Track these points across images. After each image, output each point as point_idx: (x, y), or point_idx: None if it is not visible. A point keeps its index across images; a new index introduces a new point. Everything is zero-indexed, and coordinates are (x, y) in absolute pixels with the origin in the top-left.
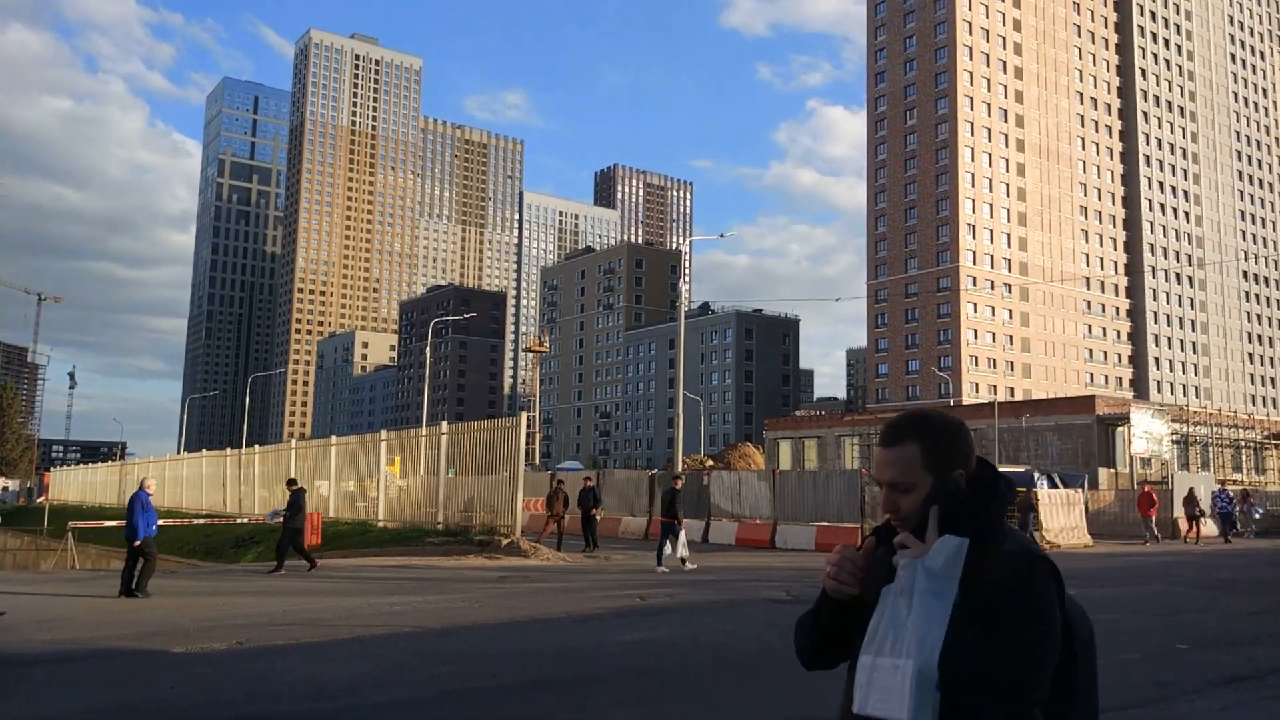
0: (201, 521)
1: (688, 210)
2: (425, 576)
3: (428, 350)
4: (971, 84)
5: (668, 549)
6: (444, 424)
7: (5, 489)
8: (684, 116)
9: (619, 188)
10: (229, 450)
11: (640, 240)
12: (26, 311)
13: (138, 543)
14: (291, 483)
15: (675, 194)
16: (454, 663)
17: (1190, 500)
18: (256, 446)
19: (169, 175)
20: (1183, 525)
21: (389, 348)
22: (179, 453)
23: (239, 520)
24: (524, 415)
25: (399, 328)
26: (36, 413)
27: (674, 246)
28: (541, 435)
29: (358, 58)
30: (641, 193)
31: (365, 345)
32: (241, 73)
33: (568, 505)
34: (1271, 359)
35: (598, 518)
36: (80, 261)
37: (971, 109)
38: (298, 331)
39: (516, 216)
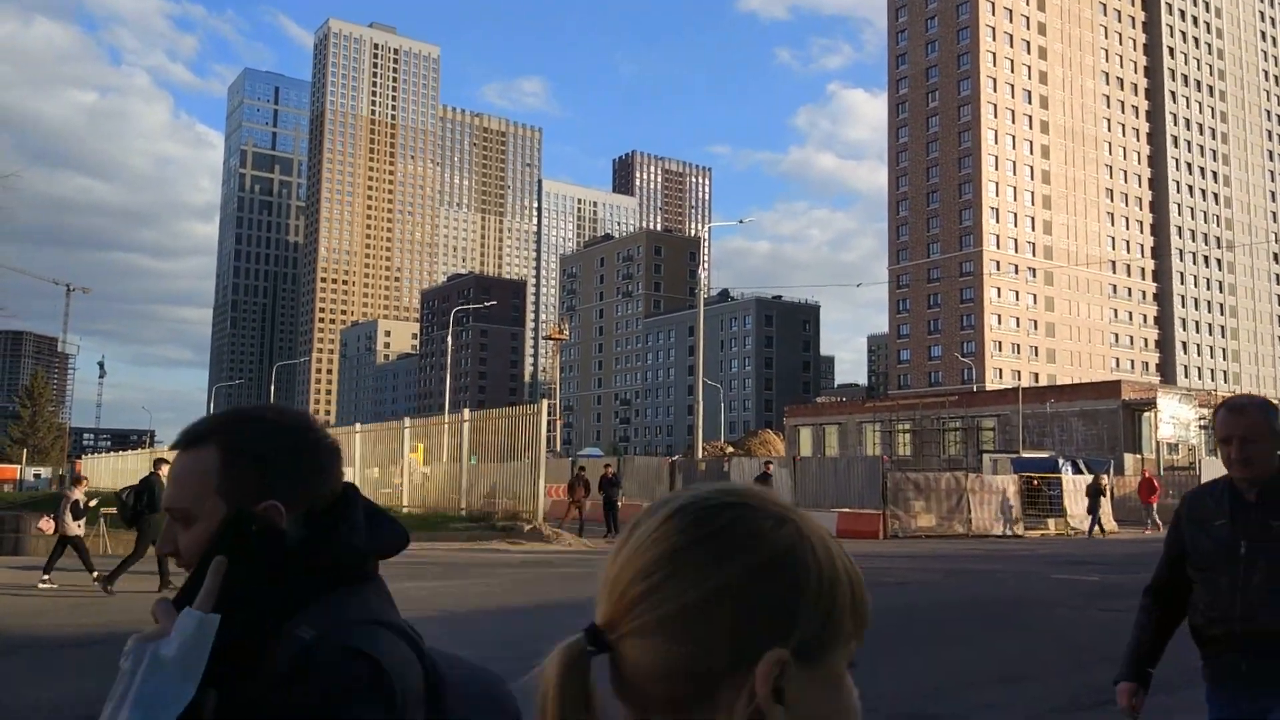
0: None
1: (706, 197)
2: (449, 561)
3: (449, 338)
4: (995, 65)
5: None
6: (466, 411)
7: (37, 476)
8: (702, 102)
9: (637, 175)
10: None
11: (659, 227)
12: (55, 303)
13: None
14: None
15: (694, 180)
16: (478, 646)
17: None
18: None
19: (192, 166)
20: None
21: (411, 336)
22: None
23: None
24: (545, 402)
25: (420, 316)
26: (67, 402)
27: (693, 233)
28: (562, 422)
29: (376, 46)
30: (660, 180)
31: (388, 334)
32: (262, 63)
33: (589, 491)
34: None
35: (619, 504)
36: (107, 253)
37: (995, 90)
38: (321, 320)
39: (535, 204)
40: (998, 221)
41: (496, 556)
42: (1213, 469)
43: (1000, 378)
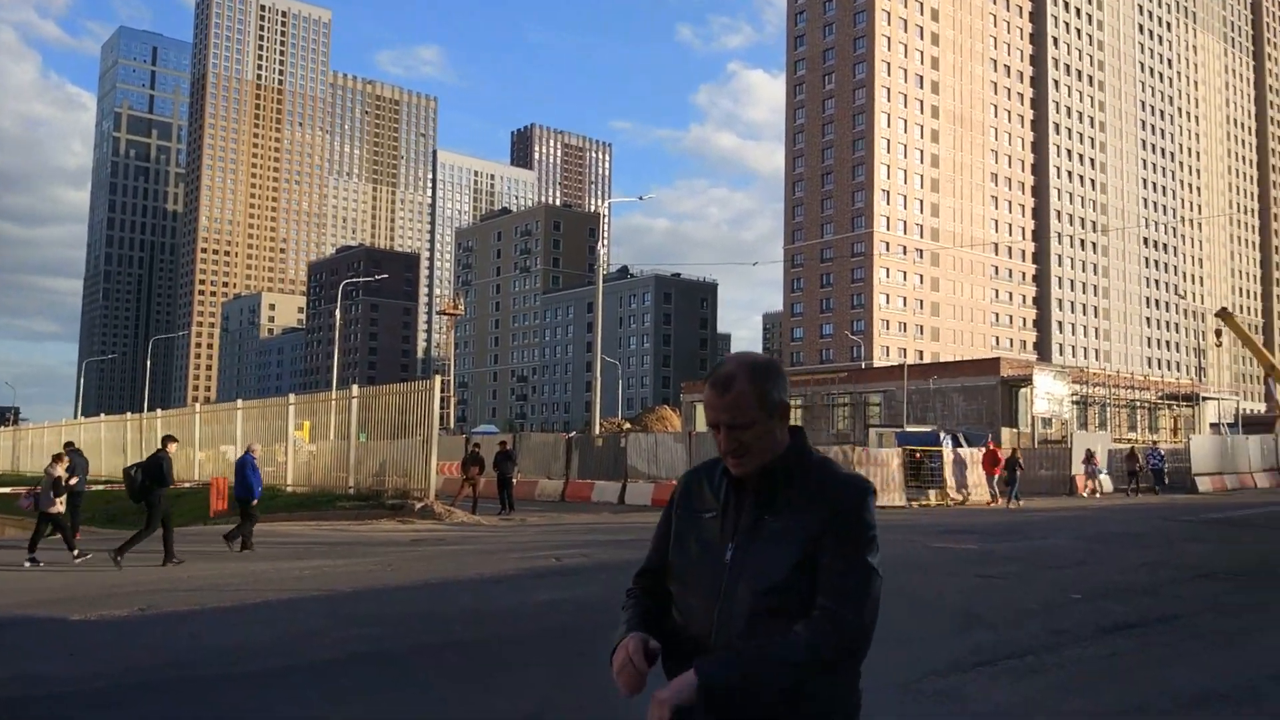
0: (101, 488)
1: (607, 172)
2: (335, 540)
3: (337, 312)
4: (889, 50)
5: None
6: (355, 387)
7: None
8: (604, 77)
9: (536, 148)
10: (129, 415)
11: (558, 202)
12: None
13: (255, 502)
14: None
15: (594, 155)
16: (365, 625)
17: (1089, 460)
18: (159, 411)
19: (63, 129)
20: (1080, 482)
21: (297, 310)
22: (76, 418)
23: None
24: (438, 378)
25: (307, 289)
26: None
27: (593, 209)
28: (456, 399)
29: (263, 8)
30: (560, 154)
31: (272, 307)
32: (139, 22)
33: (483, 468)
34: (1167, 323)
35: (514, 480)
36: None
37: (889, 74)
38: (201, 293)
39: (430, 176)
40: (888, 203)
41: (386, 535)
42: (1084, 442)
43: (888, 355)
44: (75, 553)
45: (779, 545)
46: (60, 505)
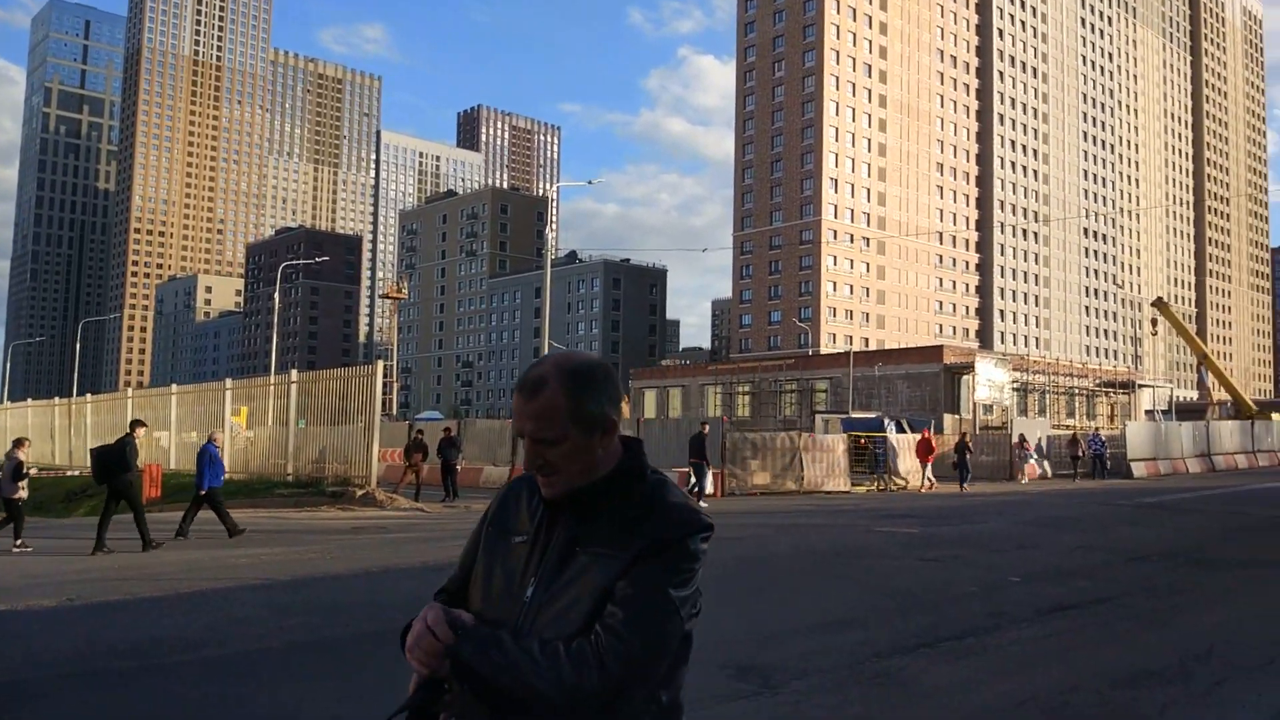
0: (29, 474)
1: (555, 155)
2: (273, 528)
3: (276, 295)
4: (838, 37)
5: (693, 484)
6: (294, 372)
7: None
8: (553, 59)
9: (483, 130)
10: (58, 400)
11: (505, 185)
12: None
13: (203, 492)
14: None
15: (542, 138)
16: (303, 614)
17: (1021, 444)
18: (89, 395)
19: None
20: (1024, 468)
21: (235, 292)
22: (1, 402)
23: (69, 473)
24: (380, 363)
25: (245, 271)
26: None
27: (540, 192)
28: (400, 385)
29: None
30: (507, 136)
31: (209, 290)
32: None
33: (426, 455)
34: (1105, 312)
35: (459, 467)
36: None
37: (837, 63)
38: (134, 274)
39: (373, 157)
40: (836, 192)
41: (326, 523)
42: (1022, 428)
43: (834, 342)
44: (20, 541)
45: (581, 588)
46: (24, 490)
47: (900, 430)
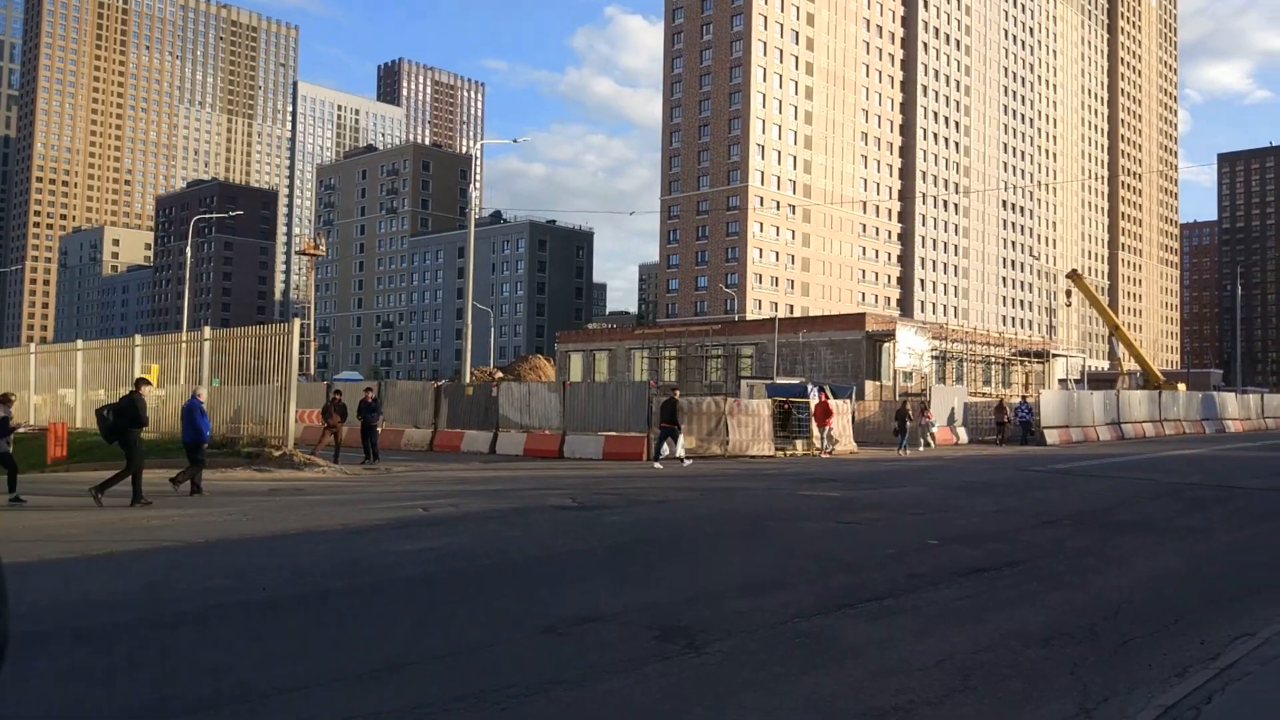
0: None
1: (479, 113)
2: (185, 490)
3: (188, 250)
4: (766, 3)
5: (665, 450)
6: (206, 329)
7: None
8: (477, 13)
9: (405, 84)
10: None
11: (428, 141)
12: None
13: (205, 445)
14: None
15: (466, 94)
16: (220, 577)
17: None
18: None
19: None
20: (937, 434)
21: (144, 246)
22: None
23: None
24: (297, 321)
25: (155, 225)
26: None
27: (464, 150)
28: (318, 344)
29: None
30: (430, 91)
31: (116, 243)
32: None
33: (345, 417)
34: (1022, 283)
35: (379, 429)
36: None
37: (765, 28)
38: (36, 225)
39: (290, 109)
40: (763, 158)
41: (241, 485)
42: (941, 395)
43: (760, 308)
44: (13, 494)
45: None
46: (9, 445)
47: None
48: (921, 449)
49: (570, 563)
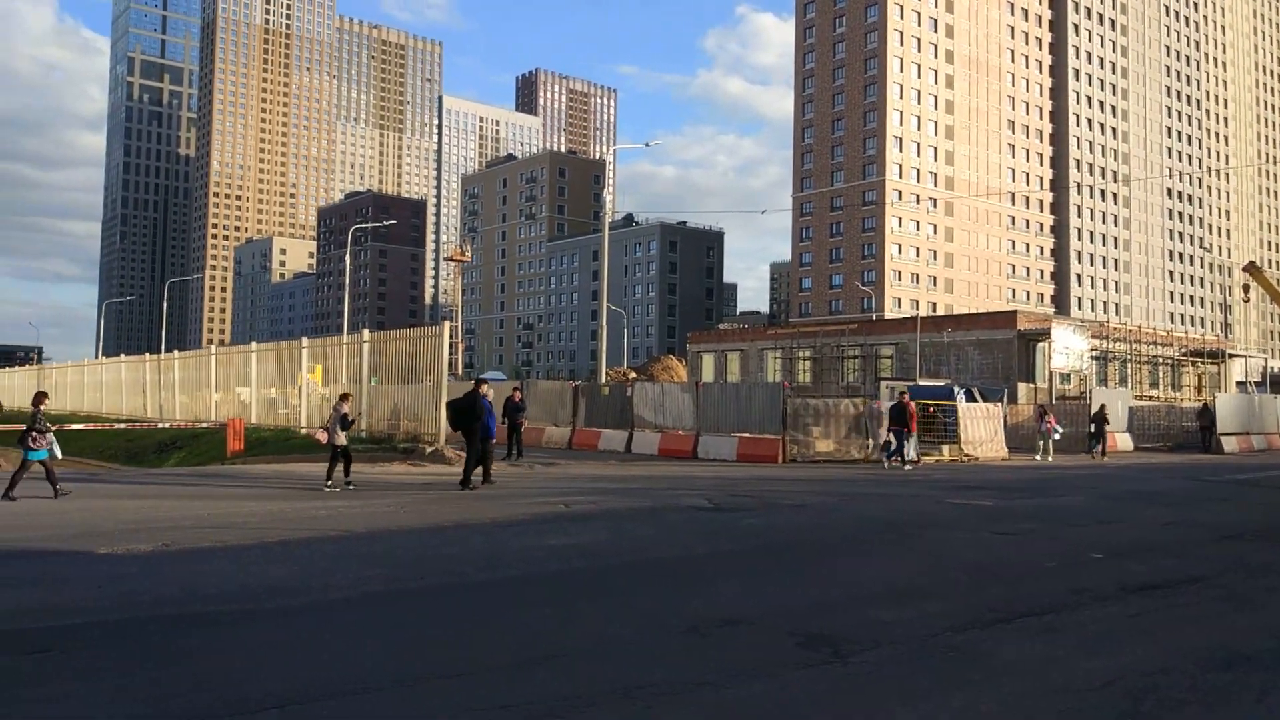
0: (123, 426)
1: (612, 118)
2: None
3: (347, 258)
4: None
5: (908, 451)
6: (365, 332)
7: None
8: (609, 20)
9: (541, 94)
10: (148, 356)
11: (563, 148)
12: None
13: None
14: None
15: (599, 101)
16: (379, 565)
17: (1099, 417)
18: (175, 352)
19: (79, 74)
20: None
21: (307, 255)
22: (97, 358)
23: (160, 425)
24: (446, 324)
25: (317, 234)
26: None
27: (598, 155)
28: (464, 345)
29: None
30: (564, 99)
31: (283, 252)
32: None
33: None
34: (1191, 277)
35: (523, 426)
36: None
37: (901, 18)
38: (214, 237)
39: (436, 122)
40: (901, 151)
41: (398, 478)
42: (1103, 398)
43: (899, 306)
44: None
45: None
46: (344, 438)
47: (970, 399)
48: (1038, 459)
49: (708, 564)
